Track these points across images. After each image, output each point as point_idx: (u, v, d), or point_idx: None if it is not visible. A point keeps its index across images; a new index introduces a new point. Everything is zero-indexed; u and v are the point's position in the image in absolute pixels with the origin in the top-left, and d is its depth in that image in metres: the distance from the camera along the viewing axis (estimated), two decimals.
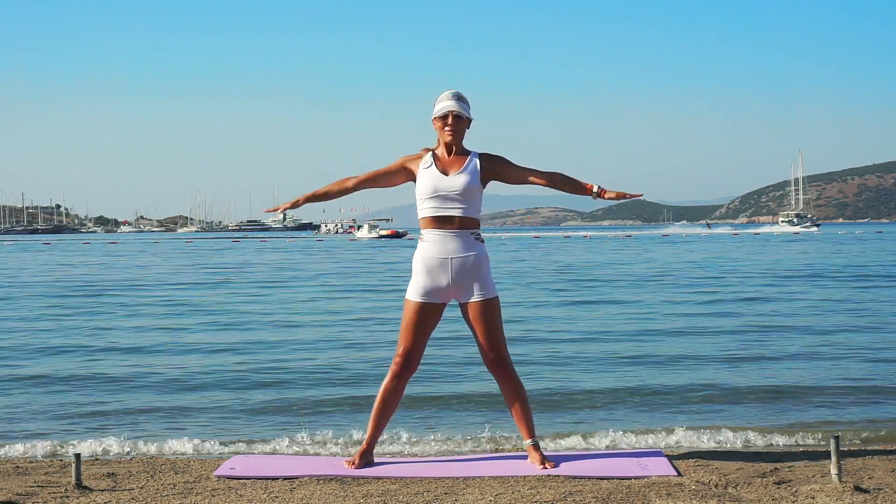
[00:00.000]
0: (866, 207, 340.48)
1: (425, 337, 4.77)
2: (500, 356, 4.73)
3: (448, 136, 4.72)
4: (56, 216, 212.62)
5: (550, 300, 16.57)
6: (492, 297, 4.70)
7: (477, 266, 4.67)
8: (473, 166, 4.71)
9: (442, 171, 4.71)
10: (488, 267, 4.73)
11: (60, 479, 4.59)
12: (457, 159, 4.74)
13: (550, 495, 4.13)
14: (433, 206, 4.69)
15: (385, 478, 4.53)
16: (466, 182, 4.66)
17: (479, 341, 4.73)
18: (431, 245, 4.68)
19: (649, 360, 9.16)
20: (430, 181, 4.69)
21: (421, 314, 4.71)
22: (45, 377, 8.41)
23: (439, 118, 4.73)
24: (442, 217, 4.67)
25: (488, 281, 4.70)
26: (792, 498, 4.06)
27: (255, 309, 15.30)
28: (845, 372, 8.31)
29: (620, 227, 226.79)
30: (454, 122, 4.71)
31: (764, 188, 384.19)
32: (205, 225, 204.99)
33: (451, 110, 4.70)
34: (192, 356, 9.73)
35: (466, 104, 4.76)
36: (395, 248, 53.98)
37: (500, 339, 4.73)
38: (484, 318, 4.68)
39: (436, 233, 4.68)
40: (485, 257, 4.72)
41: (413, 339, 4.73)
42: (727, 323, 12.31)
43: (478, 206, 4.73)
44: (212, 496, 4.21)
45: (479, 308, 4.68)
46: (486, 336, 4.70)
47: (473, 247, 4.67)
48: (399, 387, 4.79)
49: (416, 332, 4.73)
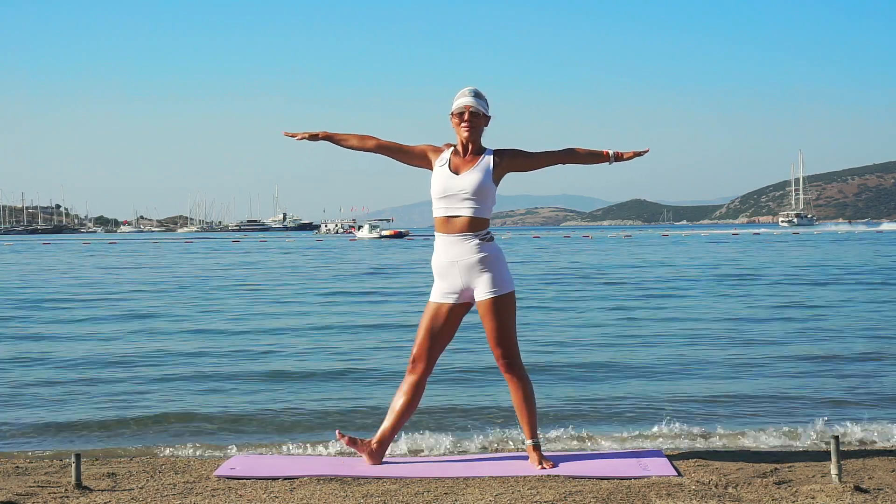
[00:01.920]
0: (866, 207, 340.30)
1: (439, 338, 4.79)
2: (507, 354, 4.73)
3: (465, 133, 4.72)
4: (56, 216, 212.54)
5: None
6: (502, 294, 4.68)
7: (486, 265, 4.67)
8: (486, 164, 4.71)
9: (454, 170, 4.71)
10: (500, 264, 4.70)
11: (60, 479, 4.59)
12: (471, 158, 4.74)
13: (550, 495, 4.13)
14: (442, 206, 4.71)
15: (385, 478, 4.53)
16: (476, 181, 4.66)
17: (488, 338, 4.73)
18: (440, 249, 4.73)
19: (649, 359, 9.16)
20: (440, 181, 4.71)
21: (432, 314, 4.77)
22: (46, 377, 8.41)
23: (456, 114, 4.74)
24: (450, 217, 4.69)
25: (499, 278, 4.68)
26: (792, 498, 4.06)
27: (259, 310, 15.30)
28: (846, 372, 8.31)
29: (620, 227, 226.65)
30: (470, 118, 4.70)
31: (764, 188, 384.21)
32: (205, 225, 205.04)
33: (468, 105, 4.70)
34: (192, 358, 9.72)
35: (484, 101, 4.75)
36: (405, 249, 53.93)
37: (509, 336, 4.71)
38: (492, 315, 4.67)
39: (443, 238, 4.71)
40: (494, 256, 4.70)
41: (422, 338, 4.79)
42: (726, 324, 12.32)
43: (489, 204, 4.72)
44: (212, 496, 4.21)
45: (487, 305, 4.67)
46: (494, 333, 4.70)
47: (481, 249, 4.67)
48: (409, 385, 4.81)
49: (426, 332, 4.77)
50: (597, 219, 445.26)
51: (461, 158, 4.75)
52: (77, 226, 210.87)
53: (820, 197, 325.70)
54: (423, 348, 4.79)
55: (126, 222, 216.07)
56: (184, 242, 77.76)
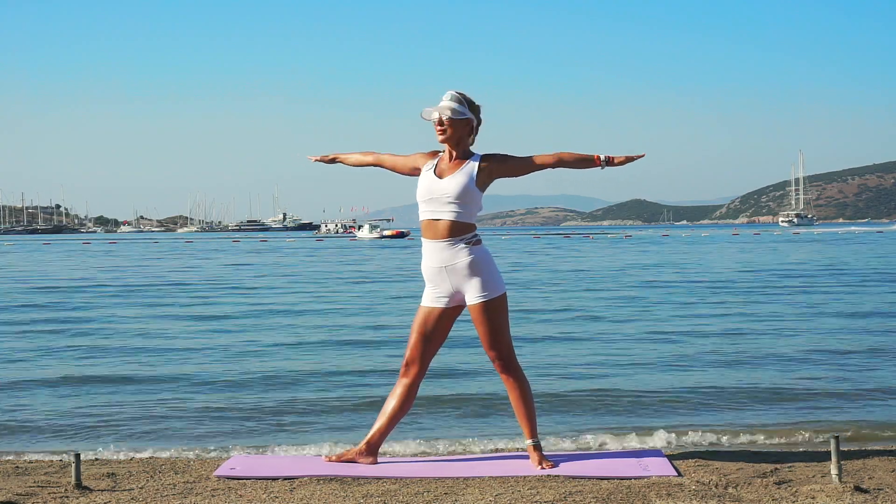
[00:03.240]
0: (866, 207, 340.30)
1: (432, 341, 4.79)
2: (501, 356, 4.72)
3: (440, 137, 4.70)
4: (56, 216, 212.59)
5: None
6: (493, 298, 4.67)
7: (475, 269, 4.65)
8: (470, 169, 4.67)
9: (438, 174, 4.70)
10: (489, 267, 4.68)
11: (60, 479, 4.59)
12: (457, 163, 4.71)
13: (550, 495, 4.13)
14: (426, 209, 4.70)
15: (385, 478, 4.53)
16: (458, 185, 4.62)
17: (482, 341, 4.74)
18: (428, 255, 4.72)
19: (646, 362, 9.16)
20: (424, 185, 4.70)
21: (424, 317, 4.77)
22: (45, 377, 8.41)
23: (434, 121, 4.72)
24: (433, 221, 4.67)
25: (487, 281, 4.66)
26: (792, 498, 4.06)
27: (261, 309, 15.30)
28: (845, 372, 8.31)
29: (621, 227, 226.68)
30: (447, 123, 4.66)
31: (764, 188, 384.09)
32: (205, 225, 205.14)
33: (441, 111, 4.65)
34: (192, 358, 9.73)
35: (465, 105, 4.69)
36: (403, 248, 53.95)
37: (502, 339, 4.71)
38: (484, 319, 4.67)
39: (430, 243, 4.69)
40: (482, 259, 4.67)
41: (414, 342, 4.79)
42: (728, 324, 12.32)
43: (473, 209, 4.67)
44: (212, 496, 4.21)
45: (479, 309, 4.67)
46: (487, 336, 4.69)
47: (469, 253, 4.64)
48: (402, 388, 4.80)
49: (419, 336, 4.78)
50: (597, 219, 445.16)
51: (447, 163, 4.73)
52: (77, 226, 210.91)
53: (820, 197, 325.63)
54: (416, 352, 4.79)
55: (126, 222, 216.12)
56: (184, 242, 77.77)
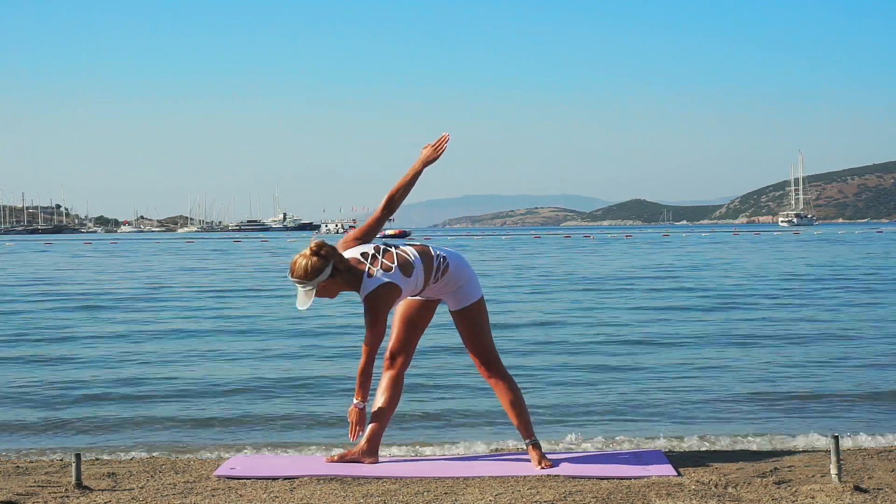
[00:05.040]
0: (866, 207, 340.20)
1: (417, 328, 4.79)
2: (485, 359, 4.75)
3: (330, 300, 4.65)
4: (56, 216, 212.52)
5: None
6: (470, 304, 4.69)
7: (449, 282, 4.64)
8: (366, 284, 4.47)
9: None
10: (466, 275, 4.66)
11: (60, 479, 4.59)
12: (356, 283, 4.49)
13: (550, 495, 4.13)
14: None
15: (385, 478, 4.53)
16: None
17: (465, 345, 4.78)
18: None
19: (648, 360, 9.17)
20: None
21: (405, 306, 4.77)
22: (46, 377, 8.41)
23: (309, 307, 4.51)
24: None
25: (466, 288, 4.68)
26: (792, 498, 4.06)
27: (262, 313, 15.30)
28: (845, 372, 8.31)
29: (621, 227, 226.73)
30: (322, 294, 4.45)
31: (764, 188, 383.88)
32: (205, 225, 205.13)
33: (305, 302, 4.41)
34: (192, 359, 9.73)
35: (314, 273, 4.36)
36: None
37: (484, 341, 4.74)
38: (464, 325, 4.72)
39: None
40: (455, 270, 4.64)
41: (398, 330, 4.79)
42: (729, 327, 12.32)
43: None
44: (212, 496, 4.21)
45: (458, 317, 4.72)
46: (469, 341, 4.74)
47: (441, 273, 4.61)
48: (389, 380, 4.78)
49: (403, 323, 4.78)
50: (597, 219, 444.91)
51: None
52: (77, 226, 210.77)
53: (820, 197, 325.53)
54: (401, 341, 4.78)
55: (126, 222, 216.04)
56: (185, 242, 77.74)
